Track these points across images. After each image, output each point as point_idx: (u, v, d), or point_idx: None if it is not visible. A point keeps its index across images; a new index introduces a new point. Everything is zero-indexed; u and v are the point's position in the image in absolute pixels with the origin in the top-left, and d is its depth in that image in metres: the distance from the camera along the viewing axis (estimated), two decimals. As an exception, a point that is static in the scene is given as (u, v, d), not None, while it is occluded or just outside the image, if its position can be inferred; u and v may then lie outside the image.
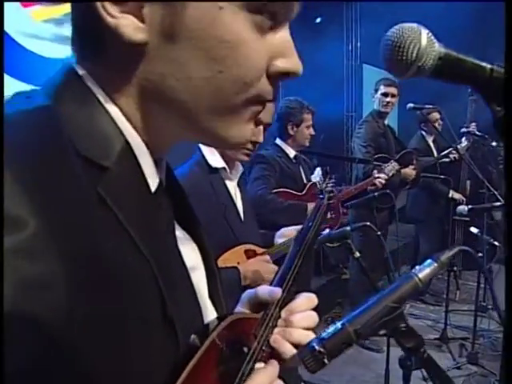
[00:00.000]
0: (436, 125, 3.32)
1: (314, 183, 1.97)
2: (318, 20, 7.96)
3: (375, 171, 2.29)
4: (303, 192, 1.95)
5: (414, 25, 0.37)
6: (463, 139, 3.08)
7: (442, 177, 2.99)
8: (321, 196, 0.88)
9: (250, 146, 1.19)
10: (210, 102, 0.36)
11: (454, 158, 2.97)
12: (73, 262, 0.29)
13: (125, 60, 0.36)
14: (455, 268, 3.00)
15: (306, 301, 0.51)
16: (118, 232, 0.33)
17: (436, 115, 3.36)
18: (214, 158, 1.21)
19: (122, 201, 0.34)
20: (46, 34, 5.09)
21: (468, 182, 3.36)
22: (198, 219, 0.49)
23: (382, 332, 0.57)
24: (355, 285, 2.89)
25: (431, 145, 3.33)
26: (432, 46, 0.36)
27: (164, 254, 0.37)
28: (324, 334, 0.47)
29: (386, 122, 2.82)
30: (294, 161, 2.03)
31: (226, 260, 1.16)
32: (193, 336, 0.38)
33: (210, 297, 0.47)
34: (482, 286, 3.01)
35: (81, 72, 0.38)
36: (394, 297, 0.51)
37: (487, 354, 2.66)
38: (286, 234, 1.30)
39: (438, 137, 3.41)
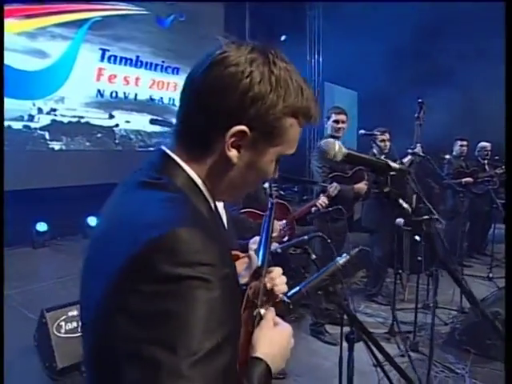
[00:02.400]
0: (384, 144, 3.88)
1: (278, 204, 2.43)
2: (283, 38, 8.53)
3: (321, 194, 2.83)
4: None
5: (332, 140, 0.80)
6: (408, 157, 3.65)
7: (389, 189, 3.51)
8: (270, 199, 1.29)
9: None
10: (243, 189, 0.78)
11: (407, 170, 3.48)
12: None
13: (218, 167, 0.72)
14: (400, 271, 3.52)
15: (278, 271, 0.93)
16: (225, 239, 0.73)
17: (386, 136, 3.92)
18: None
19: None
20: (17, 47, 5.31)
21: (414, 197, 3.91)
22: None
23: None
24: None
25: (389, 162, 3.86)
26: (340, 150, 0.80)
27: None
28: (289, 294, 0.89)
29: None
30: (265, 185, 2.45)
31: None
32: None
33: None
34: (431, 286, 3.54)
35: (186, 168, 0.72)
36: (325, 273, 0.94)
37: (426, 343, 3.19)
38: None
39: (388, 154, 3.95)
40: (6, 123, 5.13)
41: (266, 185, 2.31)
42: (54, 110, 5.65)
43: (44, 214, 5.13)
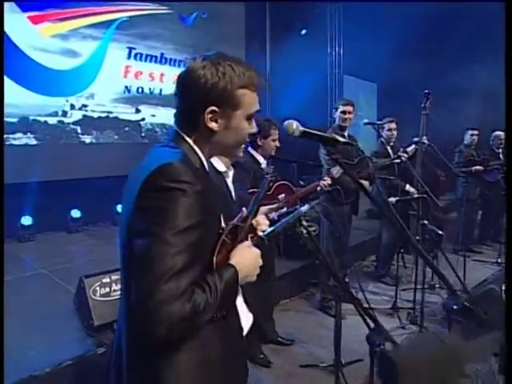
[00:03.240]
0: (391, 133, 4.14)
1: (280, 184, 2.75)
2: (304, 32, 8.80)
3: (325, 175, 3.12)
4: (271, 191, 2.72)
5: (292, 120, 1.13)
6: (412, 146, 3.90)
7: (392, 177, 3.79)
8: (266, 175, 1.62)
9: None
10: (234, 145, 1.14)
11: (401, 160, 3.72)
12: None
13: (205, 134, 1.10)
14: (403, 253, 3.80)
15: (264, 220, 1.28)
16: (212, 192, 1.07)
17: (393, 125, 4.18)
18: (219, 166, 1.95)
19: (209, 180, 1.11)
20: (51, 48, 5.80)
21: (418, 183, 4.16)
22: None
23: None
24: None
25: (389, 149, 4.13)
26: (297, 128, 1.13)
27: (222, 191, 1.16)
28: (266, 232, 1.23)
29: (346, 133, 3.60)
30: (263, 165, 2.78)
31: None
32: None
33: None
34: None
35: (186, 137, 1.11)
36: (291, 219, 1.27)
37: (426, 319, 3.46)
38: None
39: (395, 143, 4.21)
40: (42, 119, 5.63)
41: (264, 164, 2.62)
42: (85, 105, 6.11)
43: (77, 202, 5.60)
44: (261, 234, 1.23)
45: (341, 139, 1.17)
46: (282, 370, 2.86)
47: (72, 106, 5.99)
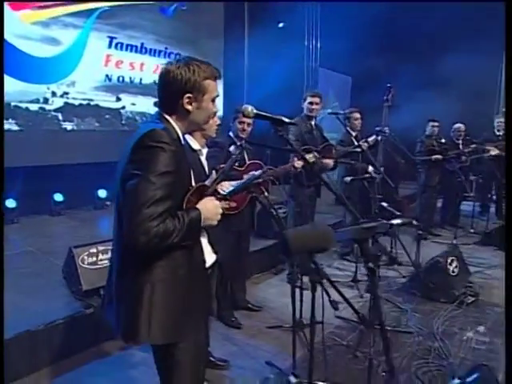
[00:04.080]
0: (357, 122, 4.57)
1: (253, 162, 3.13)
2: (281, 25, 9.16)
3: (295, 158, 3.51)
4: (243, 168, 3.10)
5: (247, 105, 1.52)
6: (373, 136, 4.34)
7: (353, 162, 4.23)
8: (233, 156, 2.00)
9: (215, 127, 2.38)
10: (203, 122, 1.54)
11: (362, 148, 4.13)
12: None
13: (183, 114, 1.49)
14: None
15: (227, 182, 1.67)
16: (186, 160, 1.47)
17: (357, 115, 4.61)
18: (194, 145, 2.31)
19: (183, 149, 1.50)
20: (33, 35, 6.02)
21: (382, 169, 4.60)
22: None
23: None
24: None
25: (353, 138, 4.55)
26: (252, 111, 1.51)
27: (195, 164, 1.54)
28: (227, 192, 1.62)
29: (313, 122, 4.00)
30: (240, 146, 3.15)
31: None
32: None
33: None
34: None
35: (168, 117, 1.50)
36: (246, 181, 1.67)
37: (383, 289, 3.93)
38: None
39: (359, 132, 4.65)
40: (23, 105, 5.86)
41: (232, 148, 2.99)
42: (67, 93, 6.34)
43: (60, 186, 5.87)
44: (223, 192, 1.62)
45: (286, 120, 1.56)
46: (251, 331, 3.27)
47: (53, 94, 6.21)
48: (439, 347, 3.01)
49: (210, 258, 1.67)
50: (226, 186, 1.67)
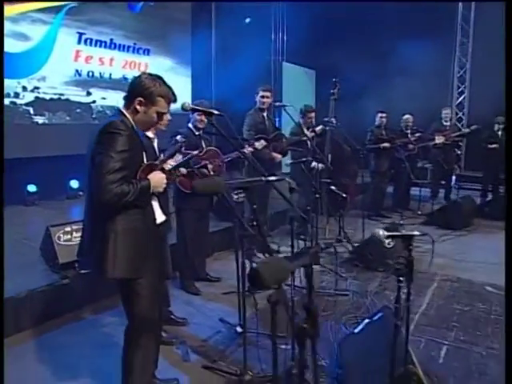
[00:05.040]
0: (310, 120, 5.15)
1: (210, 149, 3.67)
2: (247, 20, 9.65)
3: (247, 145, 4.05)
4: (201, 154, 3.63)
5: (187, 102, 2.04)
6: (320, 126, 4.93)
7: (301, 149, 4.82)
8: (179, 143, 2.54)
9: (166, 123, 2.90)
10: (147, 124, 2.07)
11: (308, 138, 4.71)
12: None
13: (133, 112, 1.99)
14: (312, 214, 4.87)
15: (172, 162, 2.21)
16: (138, 143, 2.00)
17: (311, 114, 5.20)
18: (149, 133, 2.81)
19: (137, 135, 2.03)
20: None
21: (329, 156, 5.21)
22: None
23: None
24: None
25: (304, 129, 5.12)
26: (189, 105, 2.04)
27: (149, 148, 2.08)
28: (171, 167, 2.15)
29: (265, 114, 4.55)
30: (198, 135, 3.68)
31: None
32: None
33: None
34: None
35: (124, 111, 2.02)
36: (186, 159, 2.21)
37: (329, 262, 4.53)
38: None
39: (310, 124, 5.23)
40: (-5, 100, 6.19)
41: (178, 137, 3.51)
42: (37, 88, 6.68)
43: (33, 178, 6.26)
44: (167, 167, 2.16)
45: (215, 112, 2.10)
46: (208, 296, 3.82)
47: (24, 88, 6.54)
48: (369, 304, 3.62)
49: (159, 217, 2.20)
50: (171, 164, 2.20)
